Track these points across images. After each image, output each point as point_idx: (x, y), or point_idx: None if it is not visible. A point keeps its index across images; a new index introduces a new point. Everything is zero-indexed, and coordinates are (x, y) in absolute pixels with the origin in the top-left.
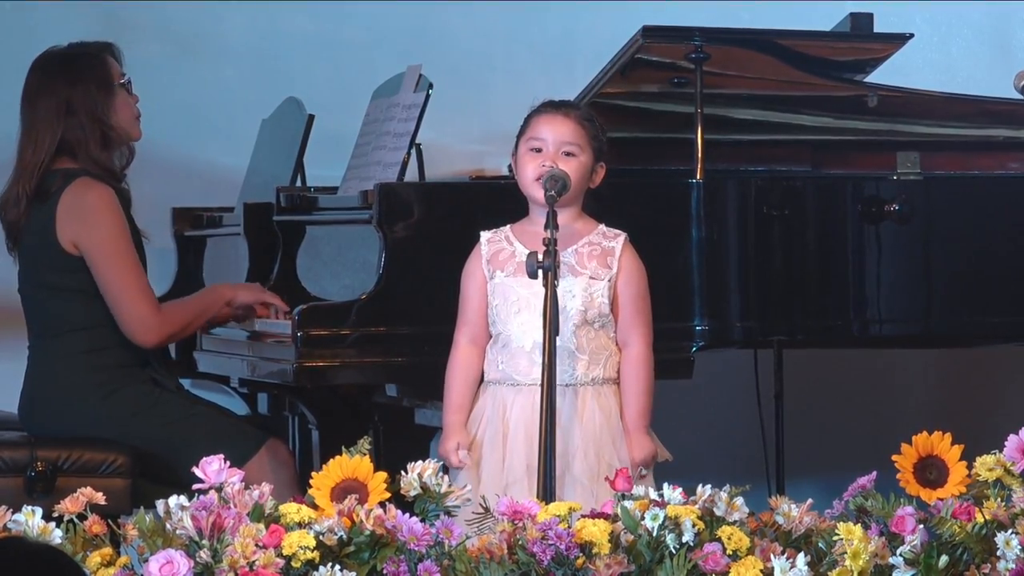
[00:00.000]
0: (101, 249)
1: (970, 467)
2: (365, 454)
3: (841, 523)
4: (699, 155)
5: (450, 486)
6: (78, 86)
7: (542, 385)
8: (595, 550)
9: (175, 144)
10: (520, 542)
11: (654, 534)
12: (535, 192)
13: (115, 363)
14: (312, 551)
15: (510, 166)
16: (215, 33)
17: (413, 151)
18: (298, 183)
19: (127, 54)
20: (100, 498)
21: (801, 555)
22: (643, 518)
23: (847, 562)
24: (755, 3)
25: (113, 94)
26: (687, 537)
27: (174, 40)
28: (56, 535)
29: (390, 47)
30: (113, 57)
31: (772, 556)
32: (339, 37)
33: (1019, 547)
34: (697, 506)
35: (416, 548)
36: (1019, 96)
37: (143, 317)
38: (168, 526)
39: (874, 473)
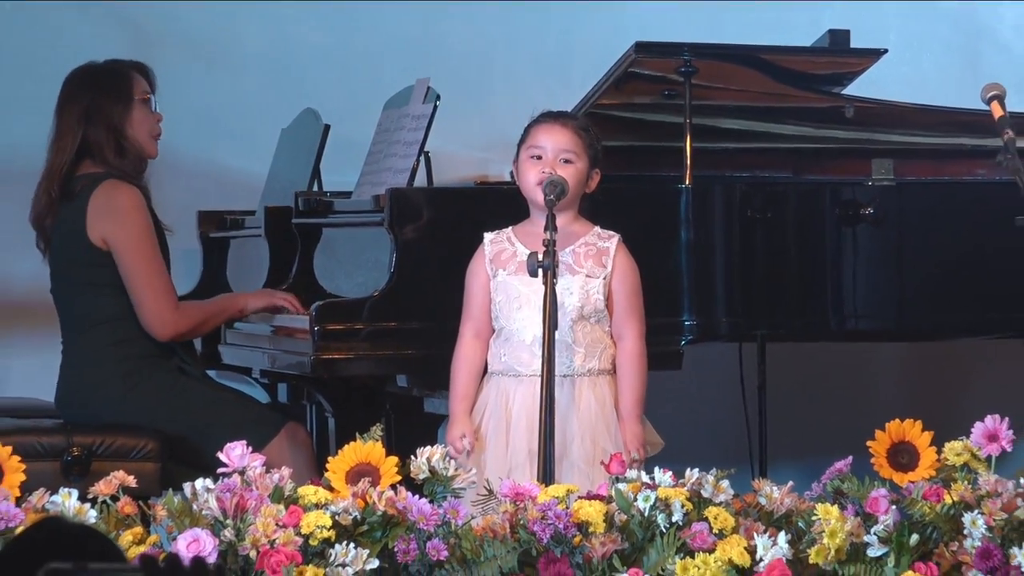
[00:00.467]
0: (128, 246)
1: (939, 452)
2: (377, 440)
3: (819, 504)
4: (688, 162)
5: (456, 470)
6: (99, 96)
7: (542, 376)
8: (591, 529)
9: (199, 150)
10: (522, 522)
11: (646, 514)
12: (535, 196)
13: (142, 353)
14: (328, 530)
15: (512, 172)
16: (235, 46)
17: (422, 158)
18: (315, 188)
19: (153, 65)
20: (131, 481)
21: (782, 534)
22: (636, 499)
23: (825, 540)
24: (741, 19)
25: (131, 107)
26: (676, 517)
27: (197, 52)
28: (91, 515)
29: (400, 61)
30: (143, 76)
31: (755, 535)
32: (352, 51)
33: (984, 527)
34: (686, 488)
35: (425, 527)
36: (986, 107)
37: (160, 312)
38: (195, 507)
39: (850, 458)
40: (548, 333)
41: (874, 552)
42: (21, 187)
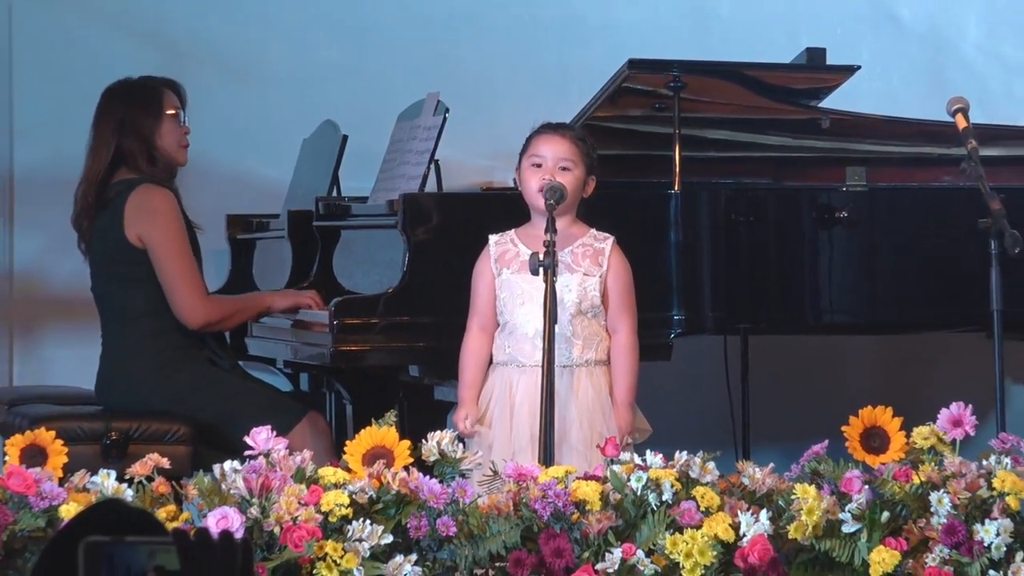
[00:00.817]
0: (162, 243)
1: (908, 437)
2: (391, 425)
3: (798, 484)
4: (677, 169)
5: (464, 453)
6: (132, 109)
7: (543, 366)
8: (588, 507)
9: (228, 158)
10: (524, 500)
11: (638, 493)
12: (536, 201)
13: (175, 345)
14: (346, 508)
15: (515, 179)
16: (261, 63)
17: (432, 166)
18: (334, 194)
19: (185, 81)
20: (165, 463)
21: (764, 511)
22: (629, 480)
23: (803, 517)
24: (725, 38)
25: (161, 121)
26: (666, 496)
27: (226, 69)
28: (128, 494)
29: (412, 78)
30: (174, 92)
31: (739, 512)
32: (368, 68)
33: (949, 505)
34: (675, 470)
35: (435, 505)
36: (951, 119)
37: (192, 304)
38: (223, 487)
39: (826, 441)
40: (548, 327)
41: (848, 528)
42: (64, 194)
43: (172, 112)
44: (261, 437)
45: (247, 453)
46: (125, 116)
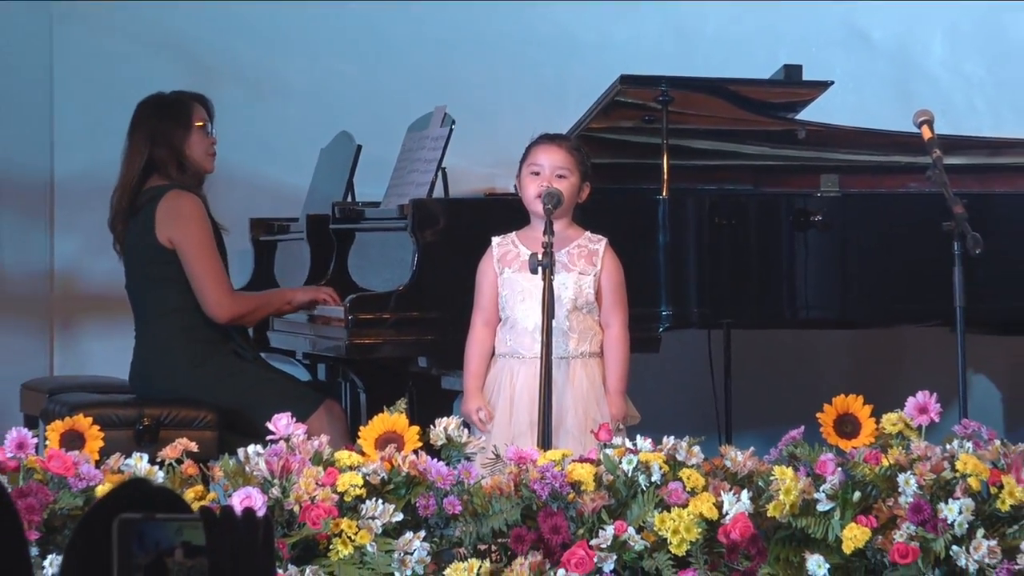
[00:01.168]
0: (191, 244)
1: (877, 423)
2: (402, 412)
3: (776, 466)
4: (665, 177)
5: (469, 438)
6: (164, 121)
7: (541, 358)
8: (583, 487)
9: (252, 167)
10: (524, 481)
11: (629, 475)
12: (535, 206)
13: (203, 339)
14: (360, 488)
15: (515, 186)
16: (281, 79)
17: (439, 174)
18: (349, 199)
19: (211, 95)
20: (193, 447)
21: (745, 491)
22: (621, 463)
23: (781, 497)
24: (709, 55)
25: (190, 132)
26: (655, 477)
27: (250, 85)
28: (159, 476)
29: (421, 91)
30: (202, 106)
31: (722, 492)
32: (380, 82)
33: (916, 485)
34: (663, 453)
35: (442, 486)
36: (917, 130)
37: (219, 299)
38: (247, 469)
39: (802, 427)
40: (546, 322)
41: (823, 507)
42: (100, 199)
43: (201, 124)
44: (282, 423)
45: (269, 438)
46: (157, 127)
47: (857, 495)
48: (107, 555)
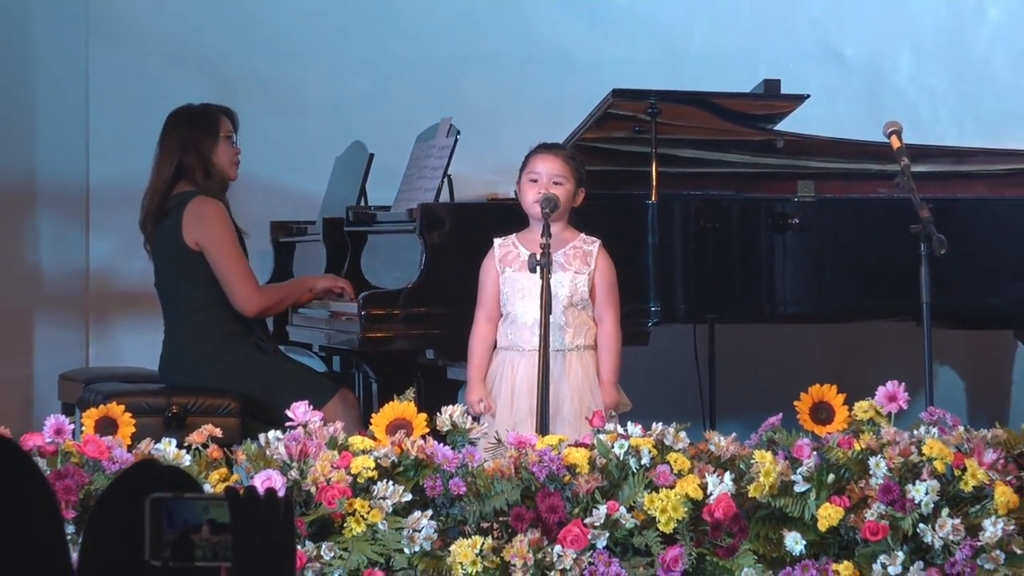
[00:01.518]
0: (217, 245)
1: (850, 410)
2: (411, 400)
3: (757, 451)
4: (654, 183)
5: (472, 424)
6: (194, 130)
7: (540, 351)
8: (578, 470)
9: (272, 174)
10: (523, 464)
11: (621, 458)
12: (534, 211)
13: (227, 332)
14: (372, 471)
15: (515, 191)
16: (300, 92)
17: (445, 180)
18: (362, 204)
19: (235, 107)
20: (218, 432)
21: (727, 474)
22: (613, 447)
23: (760, 479)
24: (694, 71)
25: (217, 142)
26: (644, 460)
27: (270, 99)
28: (186, 459)
29: (429, 104)
30: (228, 118)
31: (706, 474)
32: (391, 96)
33: (886, 468)
34: (652, 438)
35: (448, 469)
36: (886, 140)
37: (247, 294)
38: (268, 452)
39: (780, 414)
40: (544, 317)
41: (799, 488)
42: (131, 203)
43: (227, 135)
44: (300, 410)
45: (288, 424)
46: (187, 136)
47: (831, 477)
48: (127, 530)
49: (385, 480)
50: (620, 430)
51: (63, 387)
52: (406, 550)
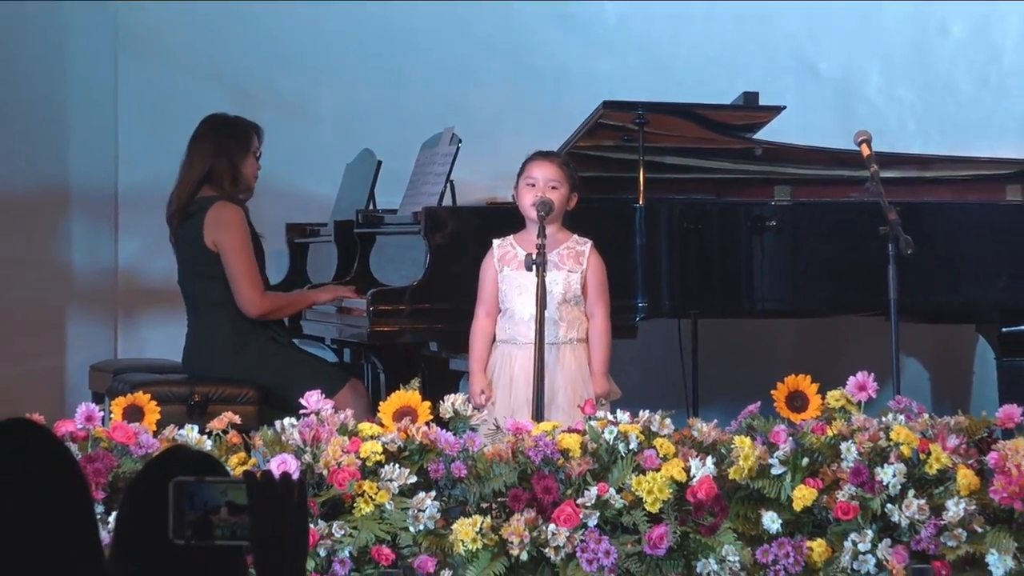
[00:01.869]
0: (231, 248)
1: (823, 399)
2: (416, 390)
3: (737, 436)
4: (641, 188)
5: (473, 412)
6: (230, 140)
7: (535, 344)
8: (571, 454)
9: (287, 179)
10: (520, 449)
11: (610, 443)
12: (530, 213)
13: (245, 327)
14: (380, 455)
15: (513, 195)
16: (312, 104)
17: (448, 185)
18: (371, 207)
19: (252, 118)
20: (237, 419)
21: (709, 458)
22: (603, 433)
23: (740, 462)
24: (679, 84)
25: (248, 154)
26: (632, 446)
27: (285, 108)
28: (208, 444)
29: (433, 114)
30: (257, 135)
31: (690, 458)
32: (398, 107)
33: (856, 453)
34: (639, 425)
35: (450, 453)
36: (857, 148)
37: (251, 296)
38: (283, 438)
39: (759, 403)
40: (540, 313)
41: (776, 471)
42: (157, 206)
43: (255, 151)
44: (313, 399)
45: (302, 412)
46: (223, 143)
47: (805, 461)
48: (156, 511)
49: (392, 463)
50: (610, 417)
51: (93, 377)
52: (411, 528)
